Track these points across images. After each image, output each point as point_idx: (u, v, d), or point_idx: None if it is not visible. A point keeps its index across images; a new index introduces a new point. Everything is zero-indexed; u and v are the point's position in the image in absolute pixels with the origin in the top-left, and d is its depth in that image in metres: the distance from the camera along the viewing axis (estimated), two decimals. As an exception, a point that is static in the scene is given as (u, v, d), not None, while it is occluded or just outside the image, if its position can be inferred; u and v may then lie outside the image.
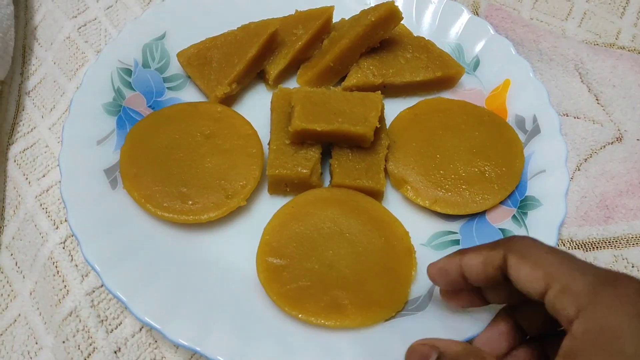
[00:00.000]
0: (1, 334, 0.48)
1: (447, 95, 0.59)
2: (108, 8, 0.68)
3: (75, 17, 0.67)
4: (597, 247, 0.53)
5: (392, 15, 0.55)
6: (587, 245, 0.53)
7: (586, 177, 0.56)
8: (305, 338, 0.43)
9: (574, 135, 0.59)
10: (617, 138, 0.59)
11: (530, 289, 0.32)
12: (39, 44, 0.65)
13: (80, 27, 0.66)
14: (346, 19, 0.61)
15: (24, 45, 0.65)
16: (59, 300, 0.48)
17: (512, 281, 0.34)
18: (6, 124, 0.58)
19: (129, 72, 0.56)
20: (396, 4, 0.56)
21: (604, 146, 0.59)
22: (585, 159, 0.58)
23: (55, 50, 0.64)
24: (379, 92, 0.53)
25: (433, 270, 0.39)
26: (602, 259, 0.52)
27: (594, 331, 0.28)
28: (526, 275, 0.33)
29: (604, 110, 0.61)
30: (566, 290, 0.30)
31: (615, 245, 0.52)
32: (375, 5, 0.57)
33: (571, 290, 0.30)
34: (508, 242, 0.35)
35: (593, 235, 0.53)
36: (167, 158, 0.50)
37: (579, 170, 0.57)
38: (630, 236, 0.53)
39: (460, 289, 0.40)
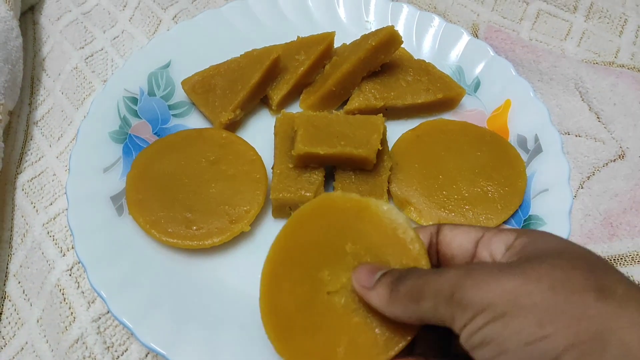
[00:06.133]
0: (9, 362, 0.48)
1: (448, 116, 0.60)
2: (114, 38, 0.70)
3: (83, 48, 0.68)
4: (603, 265, 0.52)
5: (392, 40, 0.56)
6: (593, 264, 0.52)
7: (589, 195, 0.56)
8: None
9: (576, 153, 0.59)
10: (619, 155, 0.59)
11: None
12: (47, 74, 0.67)
13: (87, 58, 0.67)
14: (347, 43, 0.62)
15: (32, 76, 0.66)
16: (66, 327, 0.48)
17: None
18: (14, 153, 0.59)
19: (134, 100, 0.57)
20: (396, 28, 0.56)
21: (607, 164, 0.59)
22: (588, 177, 0.58)
23: (62, 80, 0.65)
24: (381, 114, 0.54)
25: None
26: (609, 277, 0.51)
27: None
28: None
29: (605, 128, 0.61)
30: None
31: (620, 263, 0.52)
32: (376, 30, 0.58)
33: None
34: None
35: (597, 253, 0.53)
36: (172, 184, 0.51)
37: (582, 188, 0.57)
38: (636, 253, 0.53)
39: None
